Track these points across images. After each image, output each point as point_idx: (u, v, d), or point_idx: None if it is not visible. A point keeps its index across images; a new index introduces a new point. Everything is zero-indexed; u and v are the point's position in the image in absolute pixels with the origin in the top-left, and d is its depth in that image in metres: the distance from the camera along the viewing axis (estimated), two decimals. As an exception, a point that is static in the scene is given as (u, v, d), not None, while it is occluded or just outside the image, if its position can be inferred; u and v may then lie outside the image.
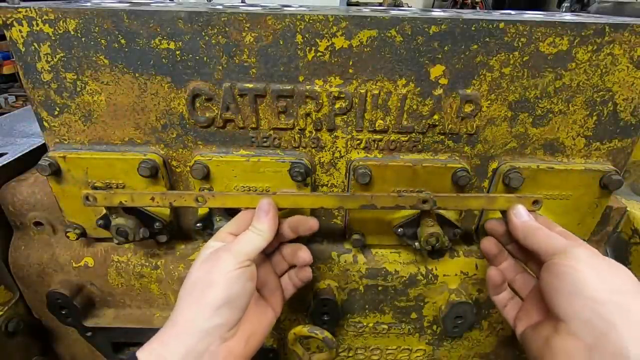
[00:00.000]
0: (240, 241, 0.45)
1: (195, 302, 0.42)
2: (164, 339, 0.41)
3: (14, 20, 0.46)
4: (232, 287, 0.42)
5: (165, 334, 0.41)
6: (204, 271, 0.43)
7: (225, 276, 0.42)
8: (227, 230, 0.48)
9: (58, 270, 0.64)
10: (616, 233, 0.64)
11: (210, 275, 0.42)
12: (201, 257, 0.45)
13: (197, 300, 0.42)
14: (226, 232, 0.48)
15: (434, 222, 0.54)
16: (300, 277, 0.53)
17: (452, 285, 0.64)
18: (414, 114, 0.53)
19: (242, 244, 0.45)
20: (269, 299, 0.51)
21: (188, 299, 0.42)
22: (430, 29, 0.47)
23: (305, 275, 0.53)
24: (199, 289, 0.42)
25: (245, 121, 0.53)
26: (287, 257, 0.53)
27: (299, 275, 0.53)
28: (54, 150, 0.55)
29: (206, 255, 0.45)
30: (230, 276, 0.42)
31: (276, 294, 0.52)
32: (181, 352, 0.40)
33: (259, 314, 0.49)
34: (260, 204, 0.47)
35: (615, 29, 0.47)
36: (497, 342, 0.72)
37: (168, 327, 0.42)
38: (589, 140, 0.55)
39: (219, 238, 0.47)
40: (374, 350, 0.72)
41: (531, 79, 0.50)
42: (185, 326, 0.41)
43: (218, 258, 0.43)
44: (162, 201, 0.49)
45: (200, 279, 0.43)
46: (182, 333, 0.41)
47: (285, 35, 0.47)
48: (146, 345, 0.41)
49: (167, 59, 0.49)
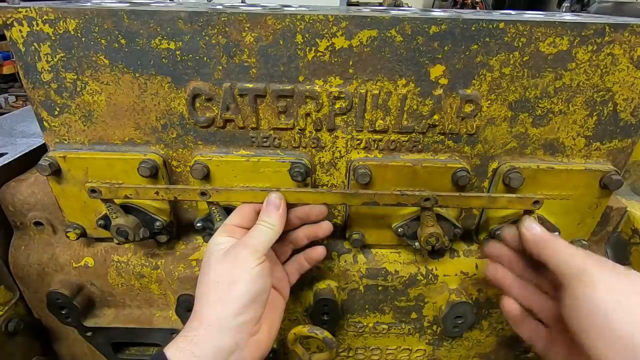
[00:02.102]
0: (254, 236, 0.46)
1: (220, 300, 0.42)
2: (192, 337, 0.41)
3: (14, 20, 0.46)
4: (256, 284, 0.43)
5: (191, 331, 0.41)
6: (225, 269, 0.44)
7: (248, 273, 0.43)
8: (233, 223, 0.49)
9: (58, 270, 0.64)
10: (616, 233, 0.64)
11: (232, 273, 0.43)
12: (215, 254, 0.45)
13: (222, 298, 0.42)
14: (232, 224, 0.49)
15: (434, 222, 0.54)
16: (315, 256, 0.55)
17: (452, 285, 0.64)
18: (414, 114, 0.53)
19: (256, 239, 0.45)
20: (277, 287, 0.52)
21: (211, 297, 0.43)
22: (430, 29, 0.47)
23: (319, 253, 0.55)
24: (223, 287, 0.43)
25: (245, 121, 0.53)
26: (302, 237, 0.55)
27: (312, 255, 0.55)
28: (54, 150, 0.55)
29: (222, 252, 0.45)
30: (252, 273, 0.43)
31: (283, 281, 0.53)
32: (212, 350, 0.40)
33: (273, 303, 0.50)
34: (270, 197, 0.48)
35: (615, 29, 0.47)
36: (497, 342, 0.72)
37: (193, 325, 0.42)
38: (589, 140, 0.55)
39: (226, 231, 0.48)
40: (374, 350, 0.72)
41: (531, 79, 0.50)
42: (214, 324, 0.41)
43: (237, 255, 0.44)
44: (167, 195, 0.49)
45: (222, 277, 0.43)
46: (211, 331, 0.41)
47: (285, 35, 0.47)
48: (172, 343, 0.41)
49: (167, 59, 0.49)
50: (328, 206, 0.52)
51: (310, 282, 0.63)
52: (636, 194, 0.68)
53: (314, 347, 0.70)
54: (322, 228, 0.53)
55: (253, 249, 0.44)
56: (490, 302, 0.66)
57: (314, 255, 0.55)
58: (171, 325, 0.67)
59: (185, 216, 0.62)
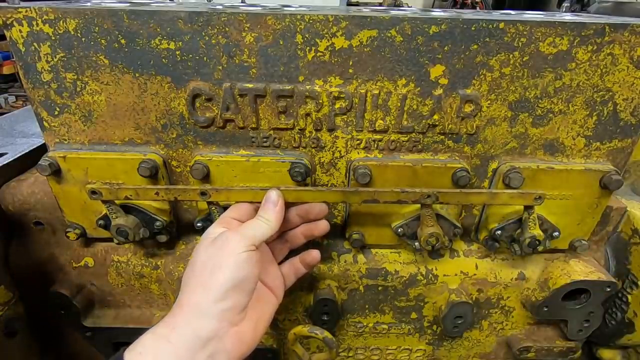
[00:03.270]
0: (248, 226, 0.45)
1: (202, 285, 0.41)
2: (170, 321, 0.40)
3: (14, 20, 0.46)
4: (241, 270, 0.41)
5: (171, 317, 0.40)
6: (211, 253, 0.43)
7: (234, 258, 0.41)
8: (230, 215, 0.49)
9: (58, 270, 0.64)
10: (616, 233, 0.64)
11: (218, 258, 0.42)
12: (207, 240, 0.45)
13: (205, 283, 0.41)
14: (229, 217, 0.48)
15: (434, 222, 0.54)
16: (309, 260, 0.54)
17: (452, 285, 0.64)
18: (414, 114, 0.53)
19: (249, 228, 0.45)
20: (270, 285, 0.51)
21: (195, 281, 0.42)
22: (430, 29, 0.47)
23: (313, 257, 0.54)
24: (208, 271, 0.41)
25: (245, 121, 0.53)
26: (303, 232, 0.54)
27: (307, 259, 0.54)
28: (54, 150, 0.55)
29: (212, 238, 0.44)
30: (238, 258, 0.41)
31: (277, 281, 0.52)
32: (189, 336, 0.39)
33: (263, 299, 0.49)
34: (269, 194, 0.48)
35: (615, 29, 0.47)
36: (497, 342, 0.72)
37: (175, 310, 0.41)
38: (589, 140, 0.55)
39: (222, 223, 0.47)
40: (374, 350, 0.72)
41: (531, 79, 0.50)
42: (193, 309, 0.40)
43: (226, 239, 0.43)
44: (167, 195, 0.49)
45: (208, 261, 0.42)
46: (190, 316, 0.40)
47: (285, 35, 0.47)
48: (152, 329, 0.40)
49: (167, 59, 0.49)
50: (328, 205, 0.52)
51: (310, 282, 0.63)
52: (636, 194, 0.68)
53: (314, 347, 0.70)
54: (319, 227, 0.53)
55: (243, 236, 0.43)
56: (490, 302, 0.66)
57: (308, 259, 0.54)
58: (171, 325, 0.67)
59: (185, 216, 0.62)
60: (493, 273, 0.63)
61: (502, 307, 0.67)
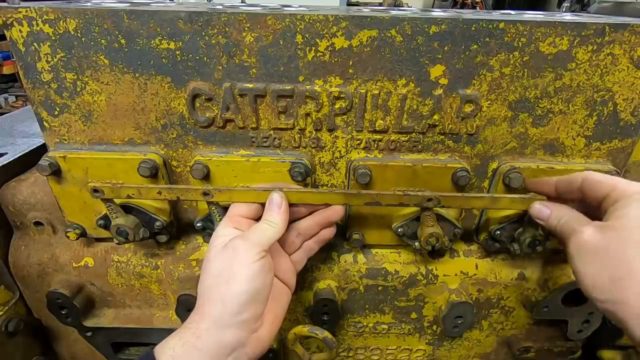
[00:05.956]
0: (255, 232, 0.46)
1: (220, 297, 0.42)
2: (194, 329, 0.41)
3: (14, 20, 0.46)
4: (255, 282, 0.43)
5: (194, 324, 0.42)
6: (224, 262, 0.44)
7: (246, 269, 0.42)
8: (238, 213, 0.49)
9: (58, 270, 0.64)
10: (616, 233, 0.64)
11: (232, 269, 0.43)
12: (215, 248, 0.45)
13: (223, 296, 0.42)
14: (237, 214, 0.49)
15: (434, 222, 0.54)
16: (324, 236, 0.54)
17: (452, 285, 0.64)
18: (414, 114, 0.53)
19: (256, 234, 0.45)
20: (282, 277, 0.51)
21: (213, 292, 0.43)
22: (430, 29, 0.47)
23: (328, 233, 0.54)
24: (224, 281, 0.43)
25: (245, 121, 0.53)
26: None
27: (323, 235, 0.54)
28: (54, 150, 0.55)
29: (222, 243, 0.45)
30: (251, 270, 0.42)
31: (289, 272, 0.52)
32: (214, 345, 0.41)
33: (277, 296, 0.49)
34: (272, 197, 0.48)
35: (615, 29, 0.47)
36: (497, 342, 0.72)
37: (195, 318, 0.42)
38: (589, 140, 0.55)
39: (231, 222, 0.48)
40: (374, 350, 0.72)
41: (531, 79, 0.50)
42: (215, 322, 0.42)
43: (235, 248, 0.44)
44: (169, 195, 0.49)
45: (223, 271, 0.43)
46: (212, 327, 0.41)
47: (285, 35, 0.47)
48: (175, 334, 0.42)
49: (167, 59, 0.49)
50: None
51: (310, 282, 0.63)
52: (636, 194, 0.68)
53: (314, 347, 0.70)
54: (335, 210, 0.52)
55: (252, 243, 0.44)
56: (490, 302, 0.66)
57: (325, 235, 0.54)
58: (171, 325, 0.67)
59: (185, 216, 0.62)
60: (493, 273, 0.63)
61: (502, 307, 0.67)
